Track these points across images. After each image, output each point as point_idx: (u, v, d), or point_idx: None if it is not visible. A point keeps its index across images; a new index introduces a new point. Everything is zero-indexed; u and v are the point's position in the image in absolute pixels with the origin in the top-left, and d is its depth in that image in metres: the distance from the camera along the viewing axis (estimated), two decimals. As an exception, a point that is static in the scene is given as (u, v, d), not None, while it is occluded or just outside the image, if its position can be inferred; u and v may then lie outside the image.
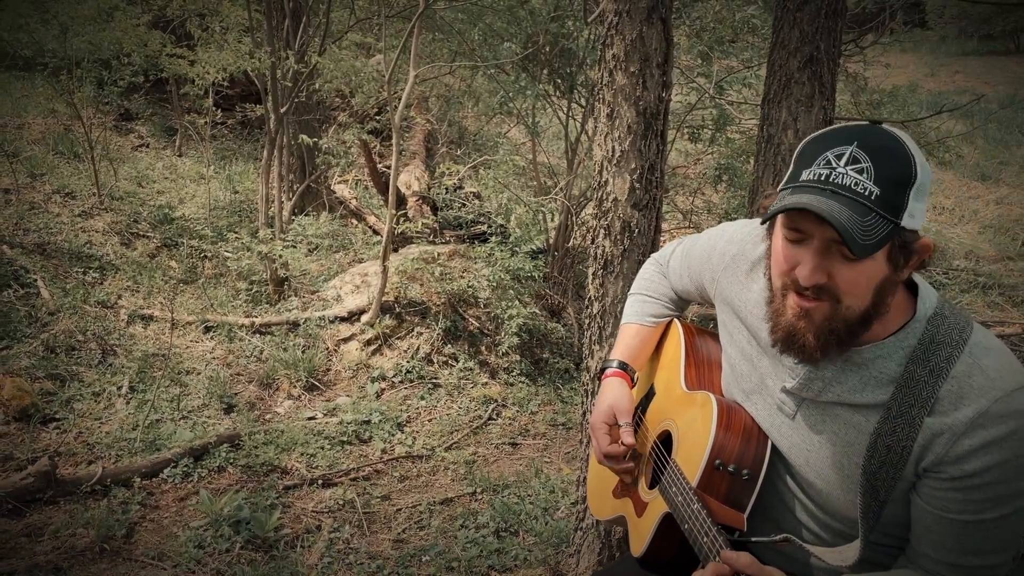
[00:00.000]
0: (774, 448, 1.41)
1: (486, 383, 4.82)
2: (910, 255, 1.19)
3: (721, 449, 1.41)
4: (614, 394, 1.69)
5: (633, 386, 1.75)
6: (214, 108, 7.03)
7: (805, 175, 1.19)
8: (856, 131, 1.19)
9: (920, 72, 16.56)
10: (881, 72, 7.04)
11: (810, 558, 1.37)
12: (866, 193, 1.14)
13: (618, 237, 2.47)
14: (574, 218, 5.76)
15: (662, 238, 2.27)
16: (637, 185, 2.44)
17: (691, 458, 1.46)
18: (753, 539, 1.37)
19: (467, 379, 4.82)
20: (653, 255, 1.87)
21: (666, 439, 1.63)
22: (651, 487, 1.60)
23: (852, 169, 1.15)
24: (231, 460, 3.77)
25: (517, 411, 4.62)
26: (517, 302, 5.12)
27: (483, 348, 5.06)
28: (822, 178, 1.17)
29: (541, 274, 5.38)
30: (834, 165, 1.17)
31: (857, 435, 1.26)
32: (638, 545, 1.58)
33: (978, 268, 7.94)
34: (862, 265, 1.17)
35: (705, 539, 1.31)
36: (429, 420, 4.45)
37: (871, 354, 1.24)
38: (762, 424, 1.43)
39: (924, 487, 1.21)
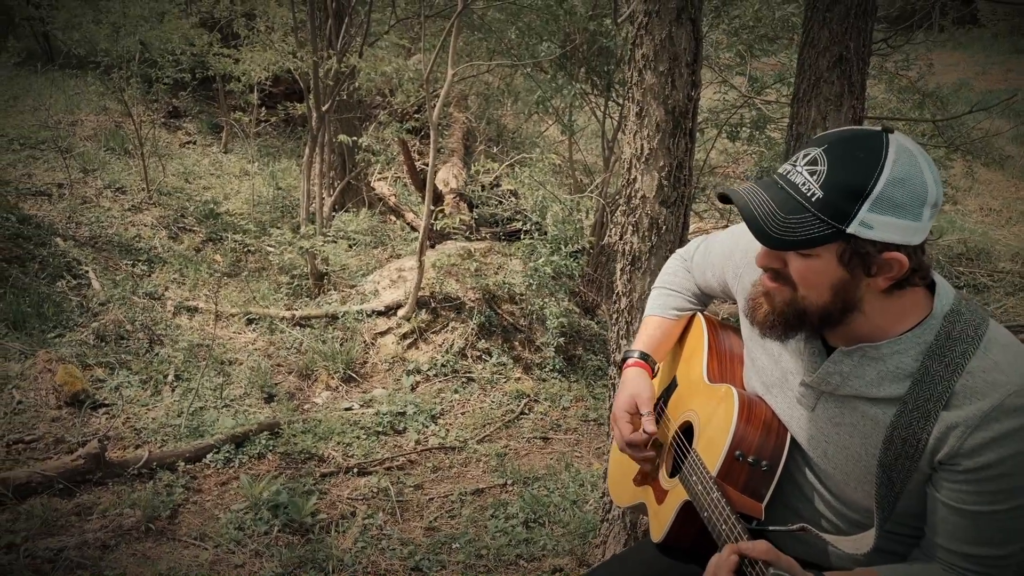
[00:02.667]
0: (793, 440, 1.45)
1: (519, 378, 4.89)
2: (870, 264, 1.21)
3: (741, 440, 1.44)
4: (635, 384, 1.73)
5: (654, 376, 1.79)
6: (258, 106, 7.21)
7: (779, 168, 1.28)
8: (841, 136, 1.23)
9: (970, 70, 16.18)
10: (926, 70, 6.93)
11: (826, 546, 1.40)
12: (807, 193, 1.19)
13: (646, 234, 2.52)
14: (609, 216, 5.80)
15: (697, 237, 2.31)
16: (665, 183, 2.48)
17: (712, 449, 1.49)
18: (771, 528, 1.41)
19: (500, 374, 4.89)
20: (678, 250, 1.90)
21: (687, 429, 1.67)
22: (671, 475, 1.65)
23: (807, 169, 1.21)
24: (270, 447, 3.89)
25: (549, 406, 4.69)
26: (552, 299, 5.18)
27: (517, 343, 5.13)
28: (782, 172, 1.26)
29: (579, 271, 5.43)
30: (796, 163, 1.24)
31: (874, 428, 1.29)
32: (658, 531, 1.63)
33: (1024, 271, 7.78)
34: (810, 260, 1.23)
35: (724, 526, 1.35)
36: (462, 413, 4.53)
37: (888, 349, 1.27)
38: (782, 417, 1.47)
39: (939, 479, 1.24)
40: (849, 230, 1.17)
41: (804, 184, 1.20)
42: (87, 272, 5.23)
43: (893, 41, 5.33)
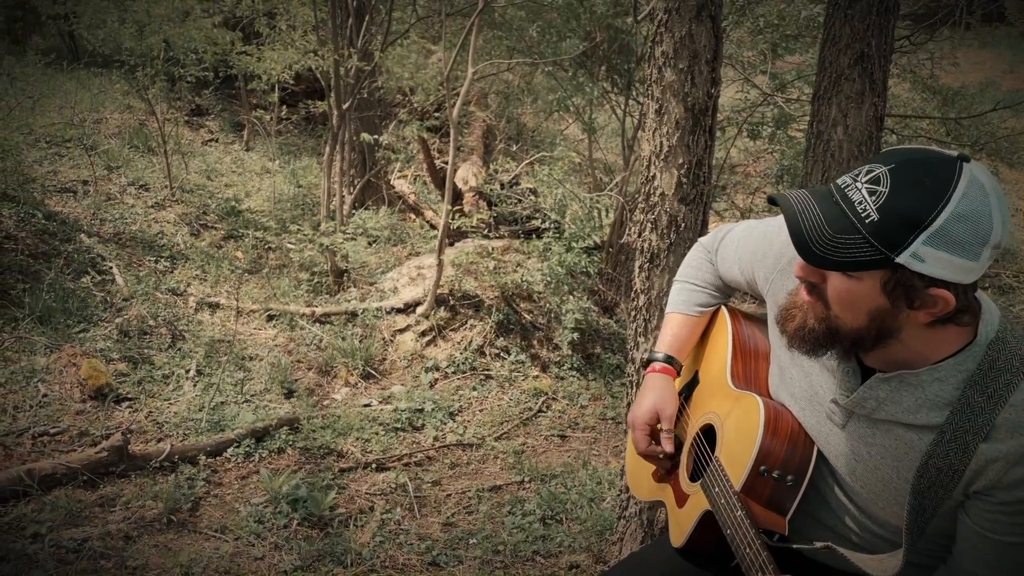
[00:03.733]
0: (820, 453, 1.41)
1: (537, 376, 4.90)
2: (913, 298, 1.15)
3: (767, 455, 1.40)
4: (659, 394, 1.69)
5: (677, 377, 1.76)
6: (280, 104, 7.27)
7: (838, 179, 1.21)
8: (911, 157, 1.14)
9: (998, 69, 15.97)
10: (952, 69, 6.85)
11: (851, 566, 1.36)
12: (863, 214, 1.12)
13: (664, 231, 2.51)
14: (628, 215, 5.79)
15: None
16: (684, 180, 2.48)
17: (736, 461, 1.45)
18: (795, 546, 1.38)
19: (518, 371, 4.90)
20: (701, 239, 1.83)
21: (708, 430, 1.63)
22: (692, 479, 1.61)
23: (867, 188, 1.13)
24: (290, 442, 3.93)
25: (567, 404, 4.69)
26: (571, 297, 5.19)
27: (535, 341, 5.14)
28: (840, 184, 1.18)
29: (596, 270, 5.43)
30: (857, 177, 1.16)
31: (908, 451, 1.25)
32: (678, 537, 1.60)
33: (1051, 272, 7.68)
34: (849, 281, 1.18)
35: (748, 551, 1.31)
36: (480, 410, 4.55)
37: (928, 376, 1.22)
38: (809, 429, 1.42)
39: (972, 507, 1.21)
40: (898, 260, 1.11)
41: (861, 203, 1.13)
42: (111, 268, 5.30)
43: (916, 38, 5.28)
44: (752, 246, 1.60)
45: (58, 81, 8.35)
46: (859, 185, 1.15)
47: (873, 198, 1.12)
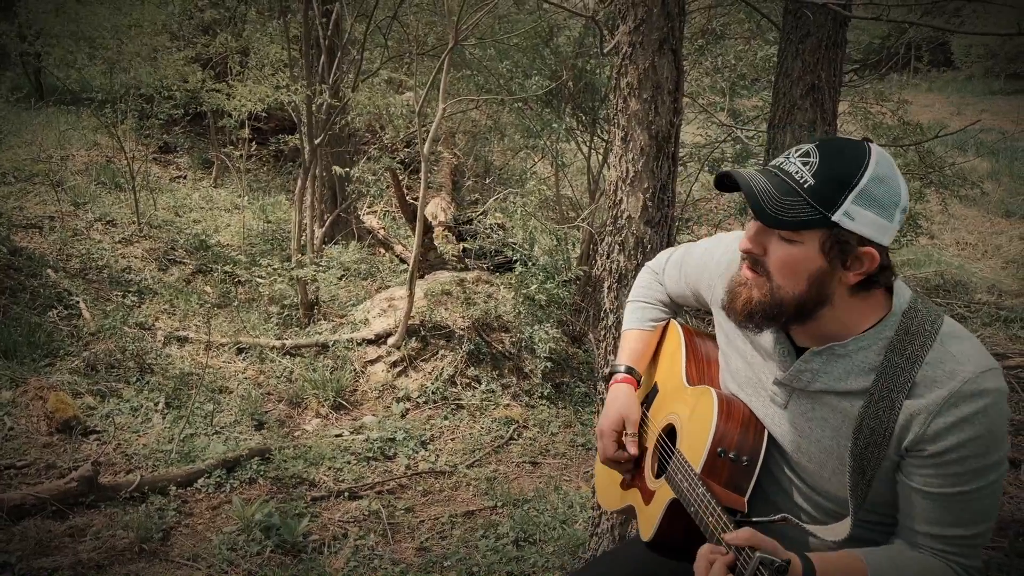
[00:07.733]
0: (770, 437, 1.53)
1: (508, 405, 4.95)
2: (847, 256, 1.30)
3: (722, 438, 1.52)
4: (624, 402, 1.82)
5: (638, 388, 1.89)
6: (249, 142, 7.32)
7: (773, 161, 1.38)
8: (830, 138, 1.35)
9: (946, 111, 16.65)
10: (902, 108, 7.17)
11: (806, 535, 1.48)
12: (800, 180, 1.30)
13: (631, 252, 2.62)
14: (596, 247, 5.92)
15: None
16: (650, 203, 2.59)
17: (695, 447, 1.56)
18: (754, 519, 1.48)
19: (489, 400, 4.95)
20: (648, 264, 1.99)
21: (670, 431, 1.74)
22: (657, 476, 1.72)
23: (799, 160, 1.33)
24: (262, 472, 3.92)
25: (538, 432, 4.74)
26: (543, 326, 5.27)
27: (506, 371, 5.20)
28: (775, 163, 1.37)
29: (570, 300, 5.53)
30: (789, 155, 1.36)
31: (844, 420, 1.37)
32: (647, 530, 1.69)
33: (1000, 302, 7.95)
34: (792, 247, 1.32)
35: (710, 519, 1.42)
36: (452, 439, 4.58)
37: (854, 346, 1.36)
38: (758, 415, 1.55)
39: (907, 465, 1.33)
40: (834, 218, 1.27)
41: (797, 172, 1.31)
42: (78, 302, 5.27)
43: (863, 74, 5.54)
44: (695, 261, 1.77)
45: (24, 118, 8.33)
46: (792, 160, 1.34)
47: (807, 168, 1.31)
